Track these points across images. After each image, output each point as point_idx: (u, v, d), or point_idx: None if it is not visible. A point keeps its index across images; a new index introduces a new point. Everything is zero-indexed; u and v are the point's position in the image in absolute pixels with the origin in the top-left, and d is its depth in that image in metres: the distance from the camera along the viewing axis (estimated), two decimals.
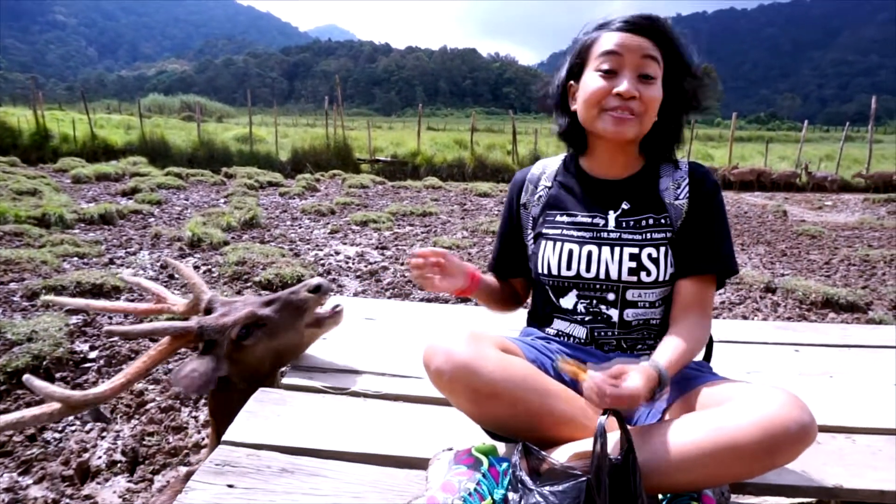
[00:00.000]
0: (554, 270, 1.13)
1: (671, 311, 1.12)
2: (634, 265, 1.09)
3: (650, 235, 1.11)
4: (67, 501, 1.68)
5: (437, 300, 3.64)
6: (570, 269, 1.12)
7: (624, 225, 1.12)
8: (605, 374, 0.88)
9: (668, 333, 1.05)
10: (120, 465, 1.87)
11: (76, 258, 4.34)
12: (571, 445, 0.92)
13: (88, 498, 1.70)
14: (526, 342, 1.15)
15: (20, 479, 1.76)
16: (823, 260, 5.25)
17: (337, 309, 1.52)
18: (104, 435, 2.03)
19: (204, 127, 15.60)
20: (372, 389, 1.37)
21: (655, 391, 0.92)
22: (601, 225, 1.13)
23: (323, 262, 4.63)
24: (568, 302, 1.15)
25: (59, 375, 2.37)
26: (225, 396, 1.38)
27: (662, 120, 1.12)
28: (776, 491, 1.03)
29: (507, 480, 0.91)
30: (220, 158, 12.91)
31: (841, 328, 1.90)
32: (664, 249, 1.10)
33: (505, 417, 0.95)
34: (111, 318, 2.93)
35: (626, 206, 1.14)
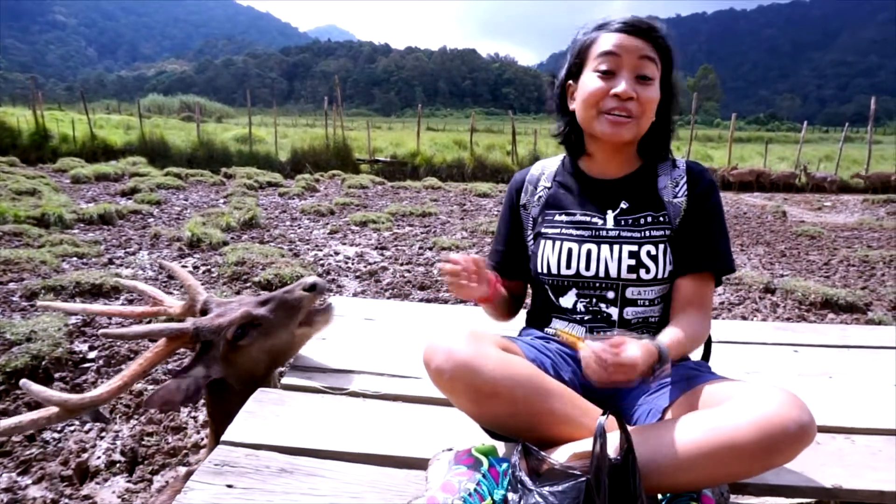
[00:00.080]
0: (553, 269, 1.14)
1: (671, 308, 1.12)
2: (633, 262, 1.09)
3: (649, 233, 1.11)
4: (66, 501, 1.68)
5: (436, 300, 3.64)
6: (569, 267, 1.12)
7: (623, 223, 1.13)
8: (604, 343, 0.89)
9: (668, 326, 1.06)
10: (119, 465, 1.87)
11: (75, 258, 4.33)
12: (571, 445, 0.92)
13: (87, 498, 1.70)
14: (525, 342, 1.15)
15: (19, 479, 1.76)
16: (823, 261, 5.25)
17: (325, 304, 1.49)
18: (103, 435, 2.03)
19: (203, 127, 15.59)
20: (371, 389, 1.37)
21: (655, 367, 0.93)
22: (600, 224, 1.14)
23: (322, 262, 4.63)
24: (567, 301, 1.15)
25: (58, 375, 2.37)
26: (222, 398, 1.37)
27: (659, 120, 1.13)
28: (775, 491, 1.03)
29: (506, 481, 0.91)
30: (219, 159, 12.90)
31: (840, 329, 1.90)
32: (663, 247, 1.10)
33: (505, 417, 0.95)
34: (110, 318, 2.93)
35: (624, 205, 1.14)
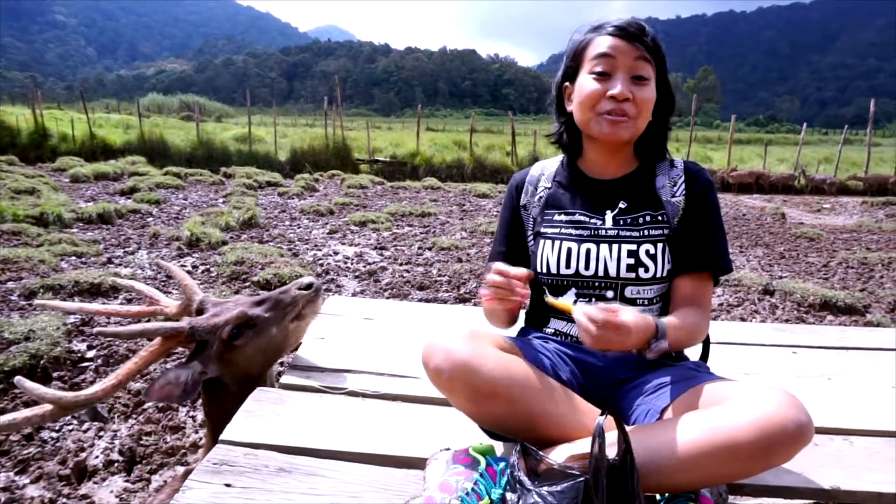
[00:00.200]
0: (553, 269, 1.14)
1: (670, 308, 1.13)
2: (633, 261, 1.09)
3: (648, 232, 1.11)
4: (64, 501, 1.68)
5: (435, 300, 3.64)
6: (568, 266, 1.13)
7: (621, 223, 1.13)
8: (597, 307, 0.90)
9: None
10: (117, 464, 1.86)
11: (74, 257, 4.33)
12: (569, 445, 0.92)
13: (85, 498, 1.70)
14: (524, 342, 1.15)
15: (17, 478, 1.76)
16: (822, 262, 5.26)
17: (313, 294, 1.45)
18: (101, 434, 2.02)
19: (203, 127, 15.58)
20: (370, 389, 1.37)
21: (651, 341, 0.94)
22: (599, 223, 1.14)
23: (321, 262, 4.63)
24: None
25: (56, 375, 2.37)
26: (218, 397, 1.37)
27: (656, 120, 1.13)
28: (774, 492, 1.03)
29: (504, 480, 0.91)
30: (218, 158, 12.90)
31: (839, 330, 1.90)
32: (662, 246, 1.11)
33: (503, 416, 0.96)
34: (108, 318, 2.93)
35: (623, 204, 1.15)
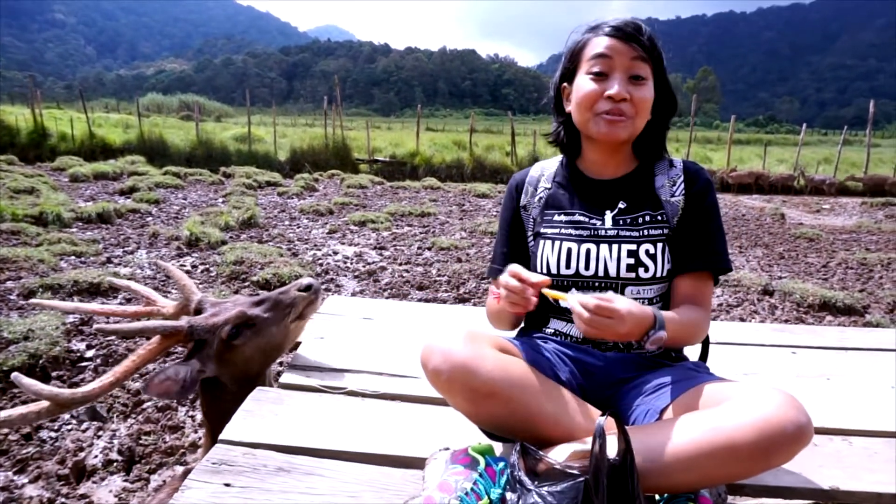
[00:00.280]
0: (553, 269, 1.14)
1: (670, 307, 1.13)
2: (632, 261, 1.09)
3: (647, 232, 1.11)
4: (63, 501, 1.68)
5: (434, 300, 3.64)
6: (569, 267, 1.12)
7: (621, 223, 1.13)
8: (592, 294, 0.92)
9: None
10: (116, 464, 1.86)
11: (73, 257, 4.33)
12: (569, 445, 0.92)
13: (84, 497, 1.70)
14: (523, 342, 1.15)
15: (16, 477, 1.76)
16: (821, 263, 5.26)
17: (315, 300, 1.47)
18: (100, 434, 2.02)
19: (202, 126, 15.57)
20: (369, 389, 1.37)
21: (649, 332, 0.94)
22: (598, 224, 1.14)
23: (321, 261, 4.63)
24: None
25: (55, 374, 2.37)
26: (216, 397, 1.37)
27: (656, 120, 1.13)
28: (773, 492, 1.03)
29: (503, 480, 0.90)
30: (218, 158, 12.89)
31: (838, 331, 1.90)
32: (661, 245, 1.11)
33: (502, 417, 0.95)
34: (108, 319, 2.93)
35: (622, 204, 1.15)
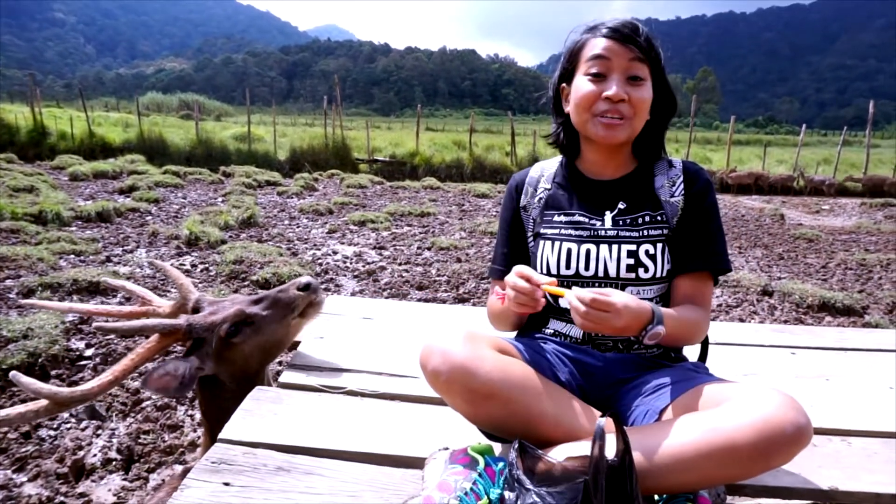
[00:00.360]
0: (553, 269, 1.14)
1: (670, 307, 1.12)
2: (632, 262, 1.09)
3: (647, 232, 1.11)
4: (62, 499, 1.68)
5: (434, 300, 3.64)
6: (568, 267, 1.12)
7: (621, 223, 1.13)
8: (590, 289, 0.94)
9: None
10: (115, 463, 1.86)
11: (73, 256, 4.33)
12: (568, 446, 0.92)
13: (83, 496, 1.70)
14: (522, 343, 1.15)
15: (14, 476, 1.76)
16: (820, 264, 5.26)
17: (318, 300, 1.48)
18: (99, 433, 2.02)
19: (202, 125, 15.57)
20: (369, 388, 1.37)
21: (646, 326, 0.95)
22: (598, 224, 1.14)
23: (321, 261, 4.63)
24: (565, 302, 1.15)
25: (54, 373, 2.37)
26: (215, 396, 1.37)
27: (655, 120, 1.13)
28: (772, 493, 1.03)
29: (503, 480, 0.90)
30: (218, 157, 12.89)
31: (837, 331, 1.91)
32: (661, 246, 1.11)
33: (501, 418, 0.96)
34: (106, 319, 2.92)
35: (622, 205, 1.15)
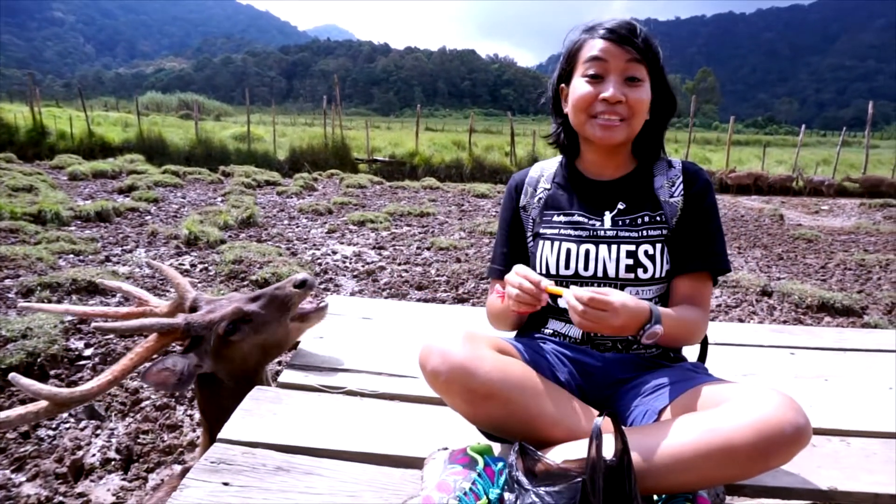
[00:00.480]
0: (552, 269, 1.14)
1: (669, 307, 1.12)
2: (631, 262, 1.09)
3: (646, 233, 1.11)
4: (61, 499, 1.68)
5: (433, 300, 3.64)
6: (568, 267, 1.12)
7: (620, 223, 1.13)
8: (588, 289, 0.95)
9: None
10: (114, 462, 1.86)
11: (72, 255, 4.32)
12: (567, 446, 0.93)
13: (82, 496, 1.70)
14: (522, 343, 1.15)
15: (13, 476, 1.76)
16: (819, 264, 5.27)
17: (322, 304, 1.52)
18: (98, 433, 2.02)
19: (202, 125, 15.56)
20: (368, 388, 1.37)
21: (644, 325, 0.96)
22: (598, 224, 1.14)
23: (320, 261, 4.63)
24: (563, 301, 1.15)
25: (53, 373, 2.37)
26: (214, 395, 1.37)
27: (654, 120, 1.13)
28: (771, 493, 1.03)
29: (502, 480, 0.91)
30: (217, 157, 12.88)
31: (836, 332, 1.91)
32: (660, 246, 1.11)
33: (500, 418, 0.95)
34: (106, 321, 2.92)
35: (621, 205, 1.15)
